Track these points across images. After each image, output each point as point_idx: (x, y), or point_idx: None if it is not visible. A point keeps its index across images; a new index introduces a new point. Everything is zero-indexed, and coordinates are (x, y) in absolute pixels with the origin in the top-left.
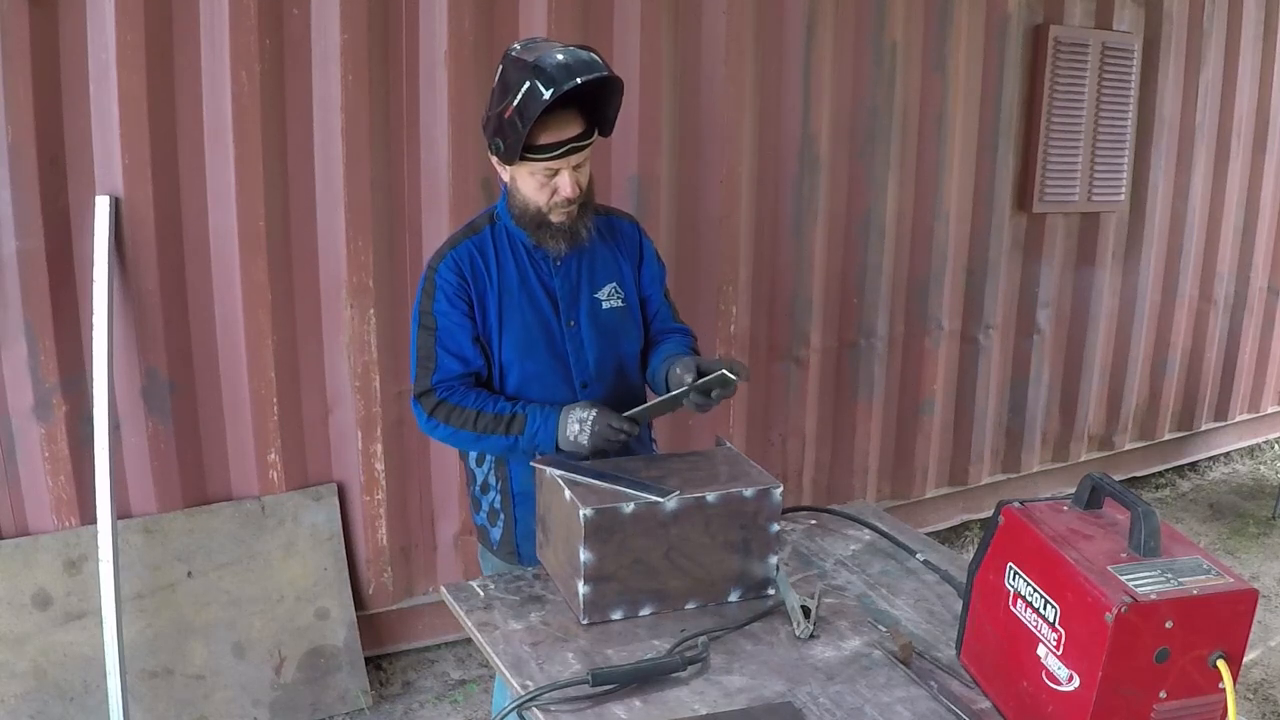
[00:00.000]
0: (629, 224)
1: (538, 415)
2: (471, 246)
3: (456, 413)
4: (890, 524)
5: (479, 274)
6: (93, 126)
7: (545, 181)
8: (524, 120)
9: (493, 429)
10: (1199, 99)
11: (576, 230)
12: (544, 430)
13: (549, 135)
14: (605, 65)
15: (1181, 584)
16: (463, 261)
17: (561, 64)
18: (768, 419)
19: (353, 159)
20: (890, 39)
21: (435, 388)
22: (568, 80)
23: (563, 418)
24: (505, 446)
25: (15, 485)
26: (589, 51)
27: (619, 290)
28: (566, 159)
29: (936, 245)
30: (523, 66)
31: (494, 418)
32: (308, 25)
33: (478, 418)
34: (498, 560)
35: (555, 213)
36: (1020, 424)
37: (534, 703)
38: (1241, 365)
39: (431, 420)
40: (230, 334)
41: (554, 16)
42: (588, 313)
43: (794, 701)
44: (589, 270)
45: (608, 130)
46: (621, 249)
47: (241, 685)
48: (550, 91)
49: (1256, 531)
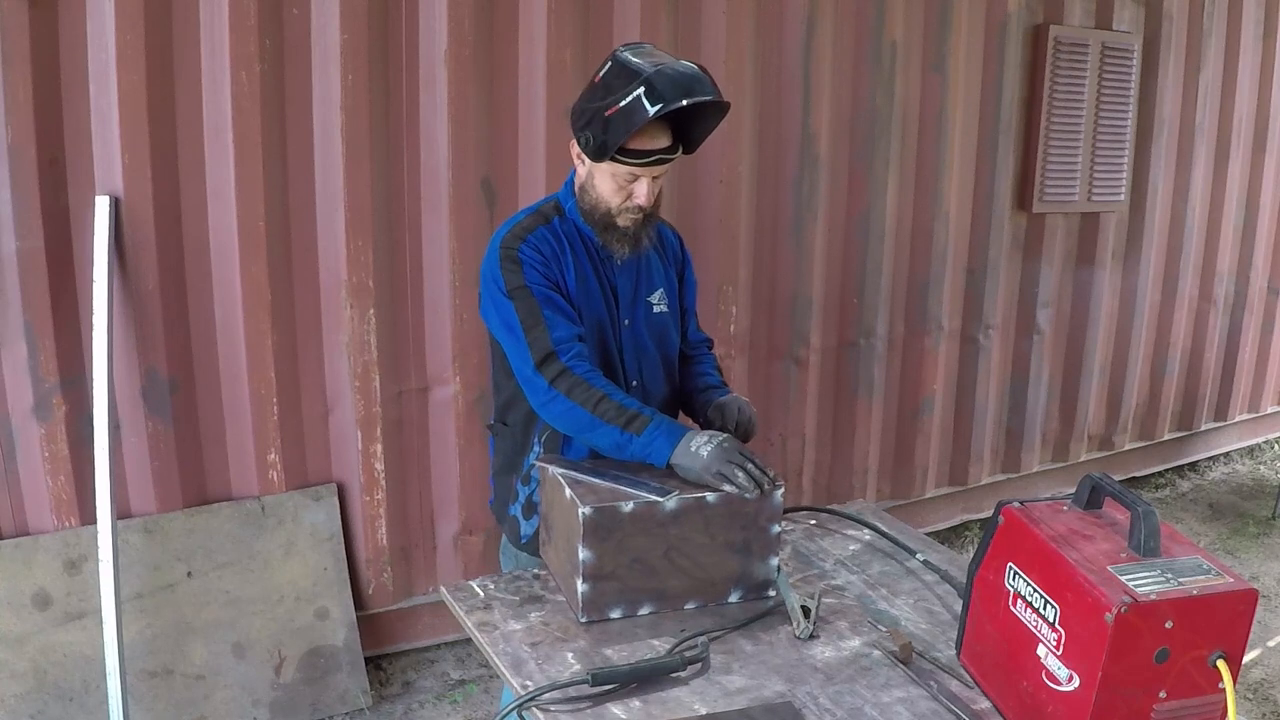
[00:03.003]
0: (673, 234)
1: (664, 423)
2: (547, 234)
3: (581, 388)
4: (890, 524)
5: (558, 260)
6: (93, 126)
7: (623, 185)
8: (626, 126)
9: (613, 419)
10: (1199, 99)
11: (640, 237)
12: (662, 438)
13: (640, 142)
14: (714, 87)
15: (1181, 584)
16: (543, 246)
17: (674, 80)
18: (768, 419)
19: (353, 159)
20: (890, 39)
21: (557, 349)
22: (677, 99)
23: (689, 434)
24: (614, 443)
25: (15, 485)
26: (700, 70)
27: (666, 296)
28: (650, 169)
29: (936, 245)
30: (634, 72)
31: (618, 408)
32: (308, 25)
33: (600, 401)
34: (523, 555)
35: (623, 216)
36: (1020, 424)
37: (534, 703)
38: (1241, 365)
39: (552, 390)
40: (230, 334)
41: (554, 16)
42: (643, 314)
43: (794, 701)
44: (646, 274)
45: (692, 149)
46: (668, 257)
47: (241, 685)
48: (659, 107)
49: (1256, 531)
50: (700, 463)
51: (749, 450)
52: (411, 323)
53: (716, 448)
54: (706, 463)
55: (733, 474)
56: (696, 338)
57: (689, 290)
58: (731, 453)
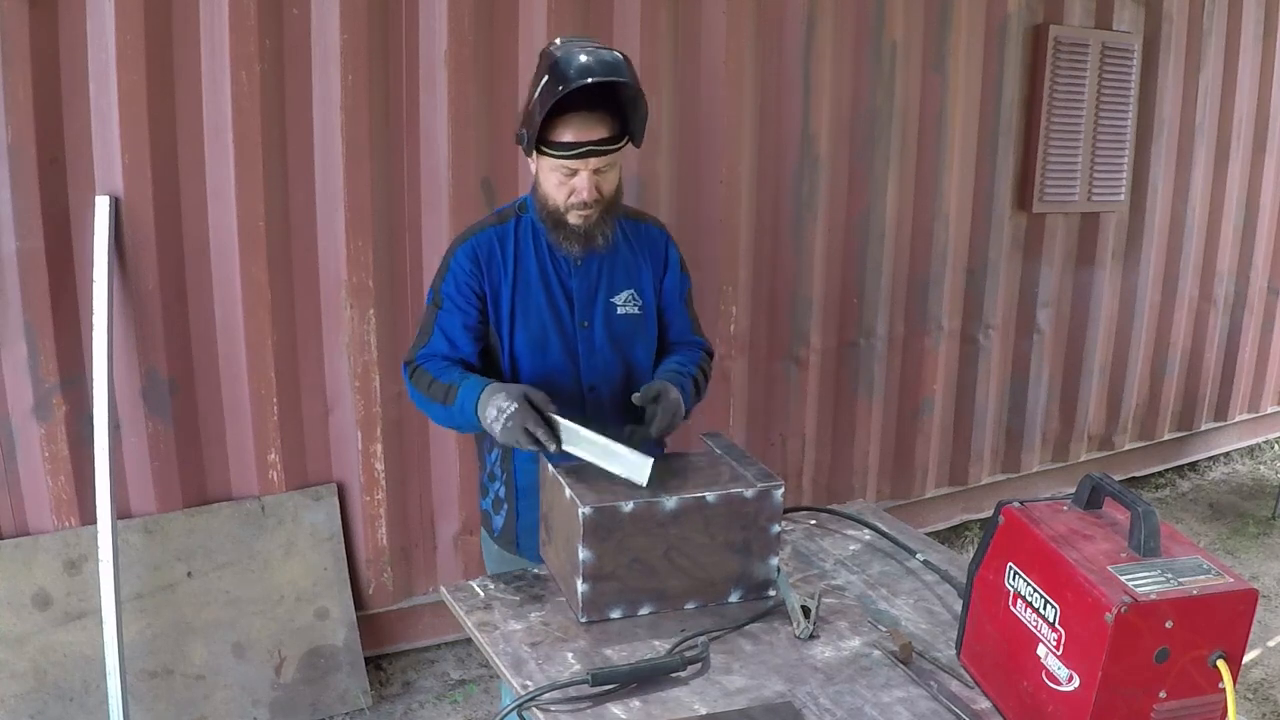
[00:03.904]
0: (658, 231)
1: (469, 390)
2: (493, 235)
3: (422, 377)
4: (890, 524)
5: (495, 264)
6: (93, 126)
7: (564, 180)
8: (540, 113)
9: (437, 397)
10: (1199, 99)
11: (593, 235)
12: (469, 401)
13: (572, 134)
14: (627, 72)
15: (1181, 584)
16: (480, 249)
17: (581, 64)
18: (768, 419)
19: (353, 159)
20: (890, 39)
21: (417, 359)
22: (580, 79)
23: (484, 396)
24: (447, 417)
25: (15, 485)
26: (617, 56)
27: (636, 298)
28: (584, 160)
29: (936, 245)
30: (546, 62)
31: (441, 386)
32: (308, 25)
33: (431, 384)
34: (497, 548)
35: (573, 214)
36: (1020, 424)
37: (534, 703)
38: (1241, 365)
39: (410, 384)
40: (230, 334)
41: (554, 16)
42: (602, 316)
43: (794, 701)
44: (609, 274)
45: (638, 140)
46: (647, 255)
47: (241, 685)
48: (561, 88)
49: (1256, 531)
50: (496, 436)
51: (539, 421)
52: (411, 323)
53: (500, 428)
54: (500, 437)
55: (519, 443)
56: (686, 338)
57: (671, 287)
58: (518, 432)
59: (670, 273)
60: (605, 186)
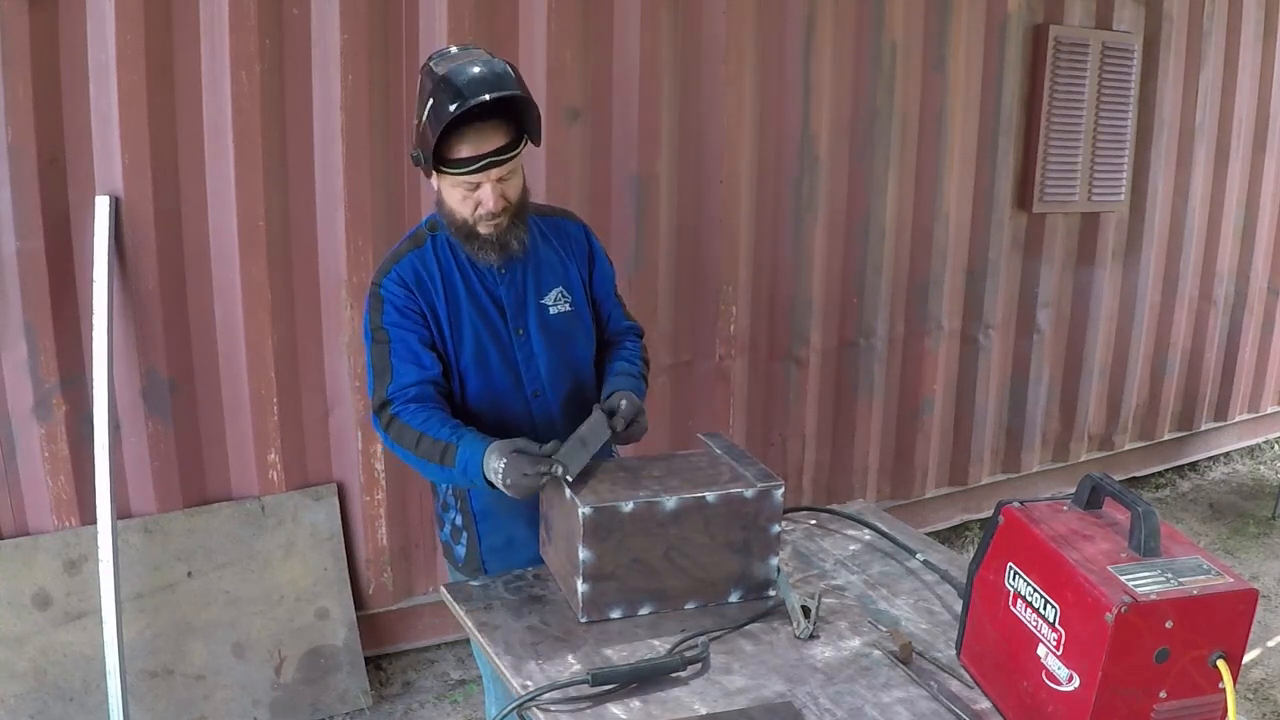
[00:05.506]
0: (575, 225)
1: (467, 450)
2: (415, 260)
3: (406, 432)
4: (890, 524)
5: (425, 288)
6: (93, 126)
7: (468, 194)
8: (435, 132)
9: (430, 456)
10: (1199, 99)
11: (507, 241)
12: (473, 466)
13: (469, 148)
14: (516, 82)
15: (1181, 584)
16: (407, 275)
17: (470, 77)
18: (768, 419)
19: (353, 159)
20: (890, 39)
21: (391, 399)
22: (474, 95)
23: (485, 460)
24: (444, 477)
25: (15, 485)
26: (505, 65)
27: (566, 294)
28: (486, 173)
29: (936, 245)
30: (431, 80)
31: (432, 444)
32: (308, 25)
33: (419, 441)
34: (463, 577)
35: (482, 225)
36: (1020, 424)
37: (534, 703)
38: (1241, 365)
39: (387, 436)
40: (230, 334)
41: (554, 16)
42: (536, 320)
43: (794, 701)
44: (535, 276)
45: (536, 139)
46: (569, 251)
47: (241, 685)
48: (455, 106)
49: (1256, 531)
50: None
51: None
52: None
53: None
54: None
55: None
56: (620, 326)
57: (601, 282)
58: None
59: (598, 265)
60: (510, 193)
